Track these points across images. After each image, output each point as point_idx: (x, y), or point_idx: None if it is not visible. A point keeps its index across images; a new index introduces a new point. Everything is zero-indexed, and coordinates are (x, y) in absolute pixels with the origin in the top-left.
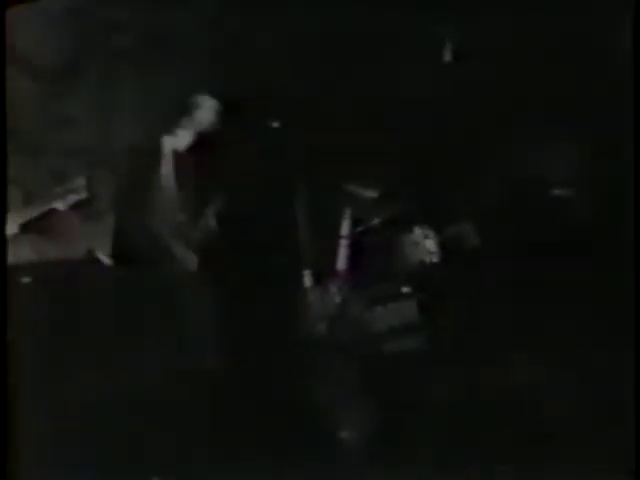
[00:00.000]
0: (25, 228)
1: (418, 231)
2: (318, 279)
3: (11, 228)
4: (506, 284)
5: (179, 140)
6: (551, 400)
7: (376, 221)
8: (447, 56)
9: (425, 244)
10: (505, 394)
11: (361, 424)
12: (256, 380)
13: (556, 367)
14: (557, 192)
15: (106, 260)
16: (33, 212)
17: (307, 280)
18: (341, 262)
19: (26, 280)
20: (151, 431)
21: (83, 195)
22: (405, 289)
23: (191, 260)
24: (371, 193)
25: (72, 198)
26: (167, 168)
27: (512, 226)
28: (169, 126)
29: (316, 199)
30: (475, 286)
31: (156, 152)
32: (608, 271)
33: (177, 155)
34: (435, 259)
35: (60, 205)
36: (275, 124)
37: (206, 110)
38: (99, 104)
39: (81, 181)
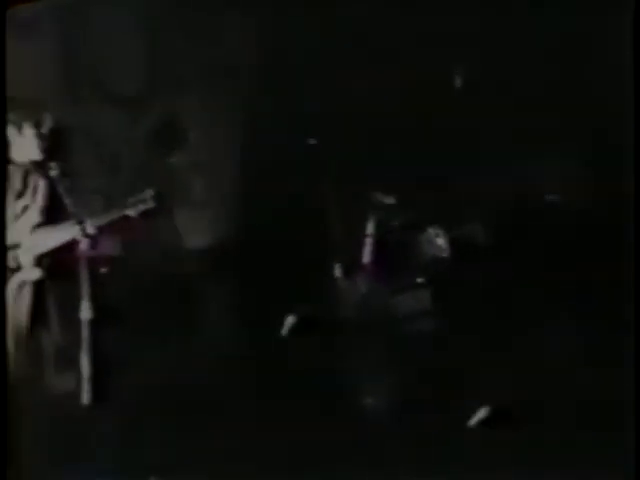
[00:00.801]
0: (102, 230)
1: (431, 231)
2: (347, 271)
3: (90, 229)
4: (507, 277)
5: None
6: (550, 396)
7: (396, 222)
8: (458, 82)
9: (437, 242)
10: (505, 370)
11: (384, 393)
12: (292, 359)
13: (555, 360)
14: (550, 198)
15: None
16: (111, 217)
17: (337, 272)
18: (366, 257)
19: (103, 270)
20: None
21: (150, 205)
22: (420, 280)
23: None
24: (392, 199)
25: (141, 207)
26: None
27: (512, 227)
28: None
29: (346, 205)
30: (479, 277)
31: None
32: (598, 271)
33: None
34: (445, 254)
35: (132, 212)
36: (312, 141)
37: None
38: (165, 128)
39: (149, 193)
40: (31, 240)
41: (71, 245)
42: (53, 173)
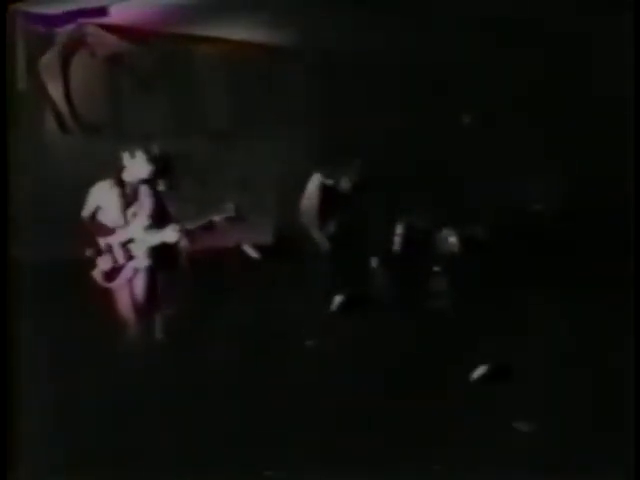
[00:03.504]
0: (195, 230)
1: (445, 231)
2: (382, 262)
3: (186, 229)
4: (502, 267)
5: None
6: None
7: (420, 224)
8: (466, 118)
9: (449, 240)
10: (508, 342)
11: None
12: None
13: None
14: (537, 207)
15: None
16: (201, 221)
17: (374, 263)
18: (395, 250)
19: (197, 260)
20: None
21: (231, 214)
22: (436, 268)
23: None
24: (417, 209)
25: (224, 215)
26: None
27: (506, 229)
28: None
29: (381, 212)
30: (481, 268)
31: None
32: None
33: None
34: (456, 249)
35: (217, 218)
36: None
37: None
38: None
39: (231, 205)
40: (143, 237)
41: (173, 241)
42: (160, 188)
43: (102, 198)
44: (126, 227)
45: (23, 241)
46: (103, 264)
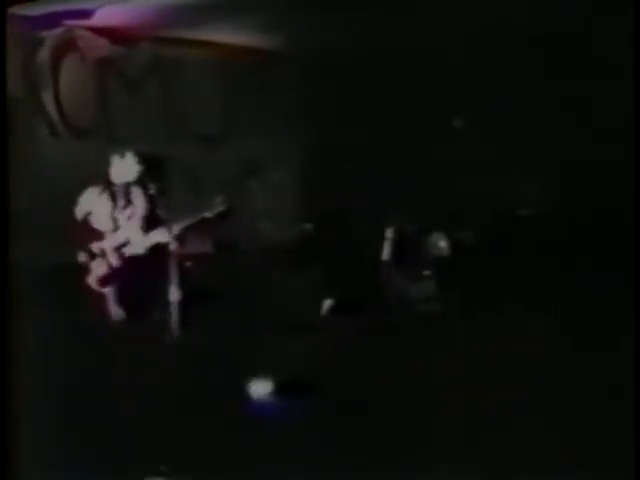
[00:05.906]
0: (186, 231)
1: (435, 235)
2: (371, 266)
3: (176, 230)
4: (491, 271)
5: None
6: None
7: (410, 229)
8: (456, 123)
9: (439, 244)
10: (498, 345)
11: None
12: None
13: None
14: (525, 212)
15: None
16: (192, 219)
17: (364, 267)
18: (386, 255)
19: (188, 264)
20: None
21: (224, 208)
22: (427, 272)
23: None
24: (408, 215)
25: (216, 210)
26: None
27: (495, 234)
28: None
29: (371, 216)
30: (472, 271)
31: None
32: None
33: None
34: (446, 253)
35: (209, 214)
36: (348, 166)
37: None
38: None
39: (221, 199)
40: (137, 240)
41: (164, 245)
42: (152, 191)
43: (92, 204)
44: (119, 231)
45: (20, 244)
46: (97, 269)
